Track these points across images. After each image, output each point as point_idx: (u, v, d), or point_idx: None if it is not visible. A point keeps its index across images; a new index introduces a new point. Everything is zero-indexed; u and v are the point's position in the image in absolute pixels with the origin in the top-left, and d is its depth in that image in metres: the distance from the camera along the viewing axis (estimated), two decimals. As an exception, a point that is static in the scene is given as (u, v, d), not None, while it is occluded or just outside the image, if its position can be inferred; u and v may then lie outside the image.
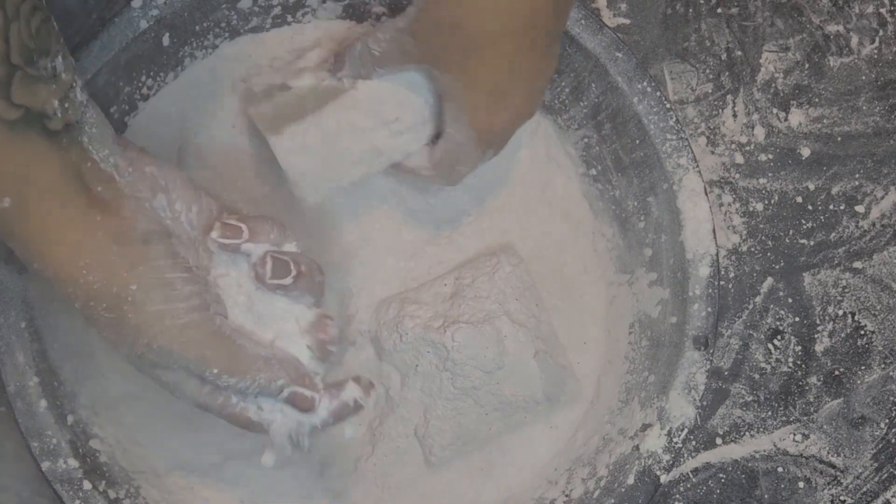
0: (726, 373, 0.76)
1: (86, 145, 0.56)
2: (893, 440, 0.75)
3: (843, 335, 0.77)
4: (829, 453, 0.75)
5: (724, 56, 0.80)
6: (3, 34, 0.51)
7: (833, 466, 0.75)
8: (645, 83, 0.70)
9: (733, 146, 0.79)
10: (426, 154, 0.69)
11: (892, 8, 0.81)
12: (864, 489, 0.74)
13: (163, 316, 0.56)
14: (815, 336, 0.76)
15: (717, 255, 0.69)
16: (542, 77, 0.64)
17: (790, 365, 0.76)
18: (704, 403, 0.75)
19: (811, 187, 0.78)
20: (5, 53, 0.51)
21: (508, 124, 0.65)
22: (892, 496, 0.74)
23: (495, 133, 0.65)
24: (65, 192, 0.55)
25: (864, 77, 0.80)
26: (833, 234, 0.78)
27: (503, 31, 0.59)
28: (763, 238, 0.78)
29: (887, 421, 0.75)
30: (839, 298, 0.77)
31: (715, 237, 0.69)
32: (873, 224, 0.78)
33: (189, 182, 0.61)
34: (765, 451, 0.75)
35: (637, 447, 0.67)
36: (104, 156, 0.57)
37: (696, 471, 0.75)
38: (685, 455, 0.74)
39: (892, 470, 0.75)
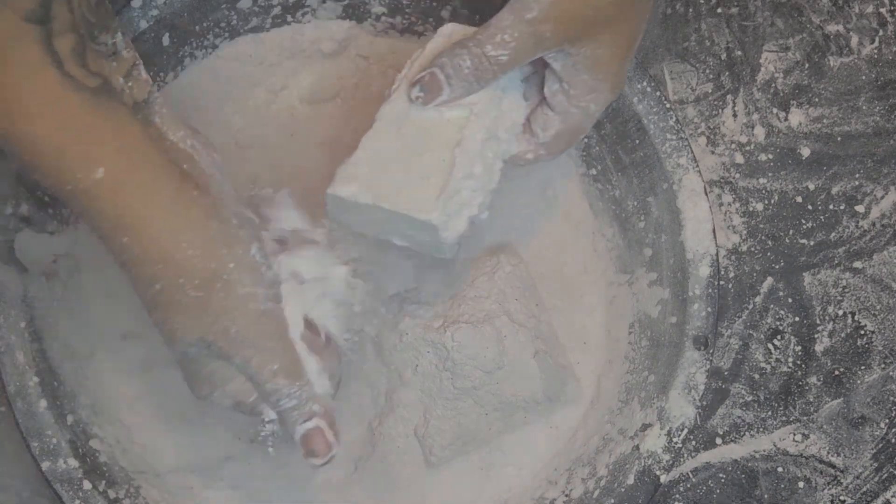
0: (726, 373, 0.76)
1: (159, 125, 0.55)
2: (893, 440, 0.75)
3: (843, 335, 0.77)
4: (829, 453, 0.75)
5: (724, 56, 0.80)
6: (68, 4, 0.51)
7: (833, 466, 0.75)
8: (645, 83, 0.70)
9: (733, 146, 0.79)
10: (524, 140, 0.65)
11: (892, 8, 0.81)
12: (864, 489, 0.74)
13: (249, 299, 0.55)
14: (815, 336, 0.76)
15: (717, 254, 0.69)
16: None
17: (790, 365, 0.76)
18: (704, 403, 0.75)
19: (811, 187, 0.78)
20: (73, 22, 0.51)
21: (626, 71, 0.64)
22: (892, 496, 0.74)
23: (623, 83, 0.64)
24: (157, 165, 0.54)
25: (864, 77, 0.80)
26: (833, 234, 0.78)
27: None
28: (763, 238, 0.78)
29: (887, 421, 0.75)
30: (839, 298, 0.77)
31: (715, 237, 0.69)
32: (873, 224, 0.78)
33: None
34: (765, 451, 0.75)
35: (637, 447, 0.67)
36: (180, 137, 0.56)
37: (695, 471, 0.75)
38: (685, 455, 0.74)
39: (892, 470, 0.75)
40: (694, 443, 0.75)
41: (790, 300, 0.77)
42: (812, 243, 0.78)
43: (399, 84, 0.62)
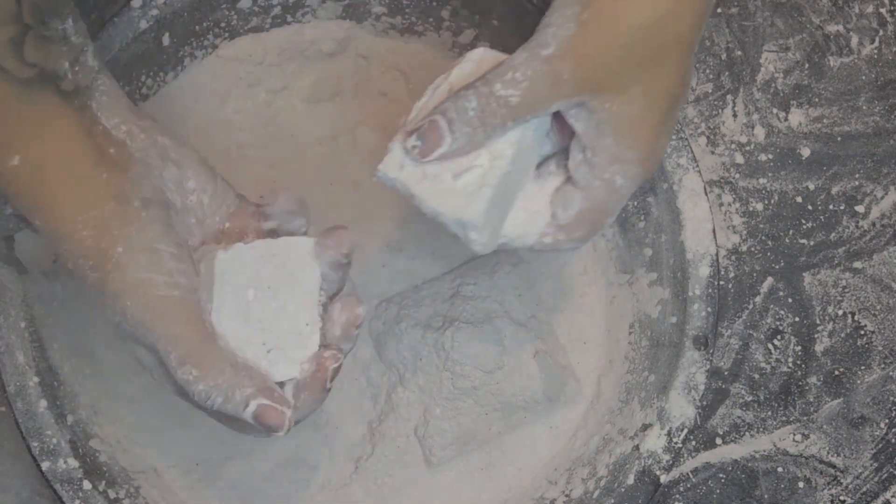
0: (726, 373, 0.76)
1: (94, 110, 0.56)
2: (893, 440, 0.75)
3: (843, 335, 0.77)
4: (828, 453, 0.75)
5: (723, 56, 0.80)
6: None
7: (833, 466, 0.75)
8: (645, 83, 0.70)
9: (733, 146, 0.79)
10: (539, 220, 0.58)
11: (892, 8, 0.81)
12: (864, 489, 0.74)
13: (143, 284, 0.54)
14: (815, 336, 0.76)
15: (716, 254, 0.69)
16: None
17: (790, 365, 0.76)
18: (704, 403, 0.75)
19: (811, 187, 0.78)
20: (17, 13, 0.51)
21: (666, 146, 0.57)
22: (892, 496, 0.74)
23: (659, 159, 0.56)
24: (74, 150, 0.54)
25: (864, 77, 0.80)
26: (833, 234, 0.78)
27: (689, 30, 0.52)
28: (763, 238, 0.78)
29: (887, 421, 0.75)
30: (839, 298, 0.77)
31: (715, 237, 0.69)
32: (873, 224, 0.78)
33: (205, 163, 0.59)
34: (765, 451, 0.75)
35: (637, 447, 0.67)
36: (115, 123, 0.56)
37: (695, 471, 0.75)
38: (685, 455, 0.74)
39: (891, 470, 0.75)
40: (694, 443, 0.75)
41: (790, 300, 0.77)
42: (812, 243, 0.78)
43: (416, 114, 0.56)
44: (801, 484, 0.74)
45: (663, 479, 0.66)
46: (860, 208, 0.78)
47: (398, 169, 0.55)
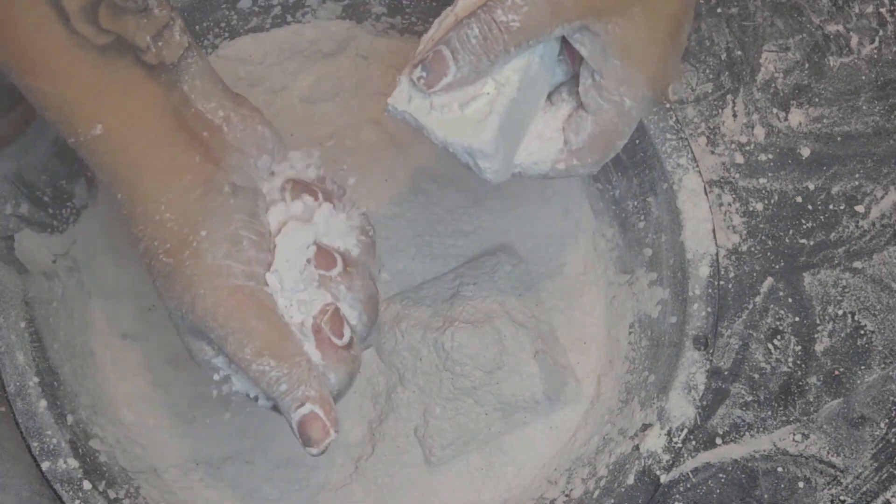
0: (726, 373, 0.76)
1: (187, 92, 0.54)
2: (893, 440, 0.75)
3: (842, 335, 0.77)
4: (828, 453, 0.75)
5: (723, 56, 0.80)
6: None
7: (833, 466, 0.75)
8: (645, 83, 0.70)
9: (733, 146, 0.79)
10: (552, 146, 0.59)
11: (892, 8, 0.81)
12: (864, 489, 0.74)
13: (219, 272, 0.52)
14: (815, 336, 0.76)
15: (716, 254, 0.69)
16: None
17: (790, 365, 0.76)
18: (704, 403, 0.75)
19: (811, 187, 0.78)
20: None
21: (676, 70, 0.57)
22: (892, 496, 0.74)
23: (667, 83, 0.56)
24: (162, 126, 0.53)
25: (863, 77, 0.80)
26: (833, 234, 0.78)
27: None
28: (763, 238, 0.78)
29: (887, 421, 0.75)
30: (839, 298, 0.77)
31: (715, 237, 0.69)
32: (873, 224, 0.78)
33: (286, 151, 0.58)
34: (765, 450, 0.75)
35: (637, 447, 0.67)
36: (211, 108, 0.55)
37: (695, 471, 0.75)
38: (685, 455, 0.74)
39: (891, 470, 0.75)
40: (694, 443, 0.75)
41: (790, 300, 0.77)
42: (812, 243, 0.78)
43: (423, 47, 0.57)
44: (801, 484, 0.74)
45: (663, 479, 0.66)
46: (860, 208, 0.78)
47: (406, 101, 0.55)
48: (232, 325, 0.52)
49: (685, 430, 0.67)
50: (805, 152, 0.79)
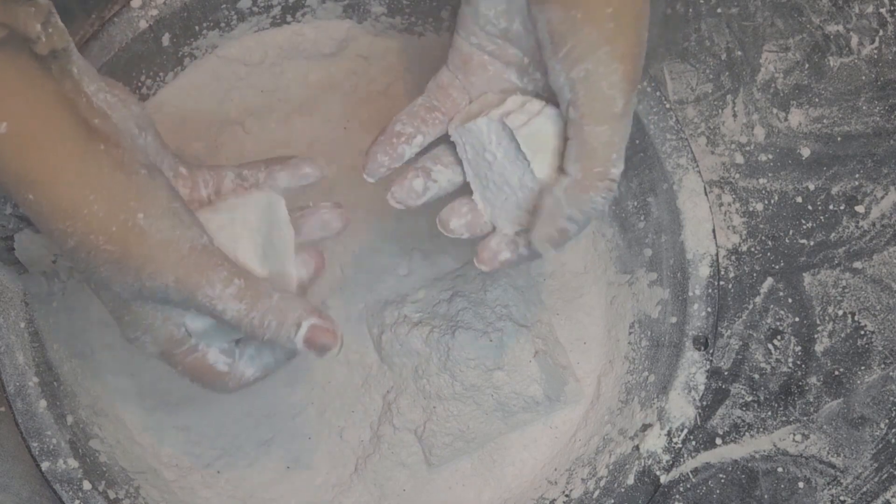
0: (726, 373, 0.76)
1: (76, 76, 0.54)
2: (893, 440, 0.75)
3: (842, 335, 0.77)
4: (828, 453, 0.75)
5: (723, 56, 0.80)
6: None
7: (833, 467, 0.75)
8: (644, 83, 0.70)
9: (733, 146, 0.79)
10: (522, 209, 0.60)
11: (892, 8, 0.81)
12: (864, 489, 0.74)
13: (169, 245, 0.53)
14: (815, 336, 0.76)
15: (716, 255, 0.69)
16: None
17: (790, 365, 0.76)
18: (704, 403, 0.75)
19: (811, 187, 0.78)
20: None
21: (641, 65, 0.57)
22: (892, 496, 0.74)
23: (638, 79, 0.56)
24: (64, 120, 0.52)
25: (863, 77, 0.80)
26: (833, 235, 0.78)
27: None
28: (763, 238, 0.78)
29: (887, 421, 0.75)
30: (839, 298, 0.77)
31: (715, 237, 0.69)
32: (873, 224, 0.78)
33: (157, 133, 0.59)
34: (765, 451, 0.75)
35: (637, 447, 0.67)
36: (94, 90, 0.55)
37: (695, 471, 0.74)
38: (685, 455, 0.74)
39: (892, 470, 0.75)
40: (694, 443, 0.75)
41: (790, 300, 0.77)
42: (812, 243, 0.78)
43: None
44: (801, 484, 0.74)
45: (663, 479, 0.66)
46: (860, 208, 0.78)
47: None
48: (196, 281, 0.54)
49: (685, 431, 0.67)
50: (805, 152, 0.79)
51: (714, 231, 0.69)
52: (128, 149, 0.55)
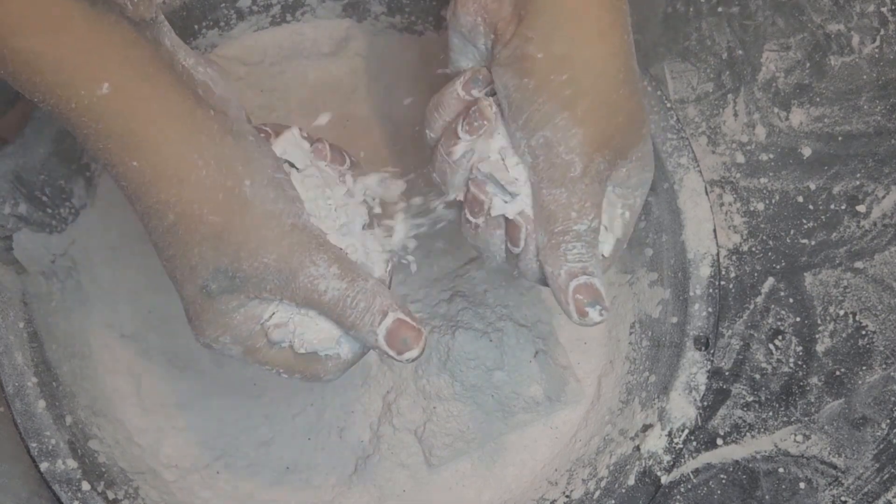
0: (727, 373, 0.76)
1: (170, 48, 0.52)
2: (895, 441, 0.75)
3: (844, 335, 0.76)
4: (830, 454, 0.75)
5: (724, 55, 0.80)
6: None
7: (834, 467, 0.75)
8: (645, 82, 0.70)
9: (734, 145, 0.78)
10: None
11: (893, 7, 0.81)
12: (866, 490, 0.74)
13: (272, 216, 0.51)
14: (817, 336, 0.76)
15: (717, 254, 0.69)
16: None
17: (791, 365, 0.76)
18: (705, 404, 0.74)
19: (812, 187, 0.78)
20: None
21: (613, 122, 0.55)
22: (894, 497, 0.74)
23: (607, 137, 0.54)
24: (170, 82, 0.50)
25: (865, 76, 0.80)
26: (834, 234, 0.78)
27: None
28: (764, 238, 0.77)
29: (888, 421, 0.75)
30: (840, 298, 0.77)
31: (716, 237, 0.69)
32: (874, 224, 0.78)
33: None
34: (766, 451, 0.75)
35: (638, 448, 0.67)
36: (192, 64, 0.53)
37: (696, 471, 0.74)
38: (686, 456, 0.74)
39: (893, 471, 0.75)
40: (695, 443, 0.75)
41: (791, 300, 0.77)
42: (813, 243, 0.77)
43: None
44: (802, 485, 0.74)
45: (664, 479, 0.66)
46: (861, 208, 0.78)
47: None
48: (298, 260, 0.51)
49: (686, 431, 0.67)
50: (806, 152, 0.79)
51: (715, 231, 0.69)
52: (235, 117, 0.53)
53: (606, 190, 0.56)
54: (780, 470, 0.74)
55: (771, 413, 0.75)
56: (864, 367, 0.76)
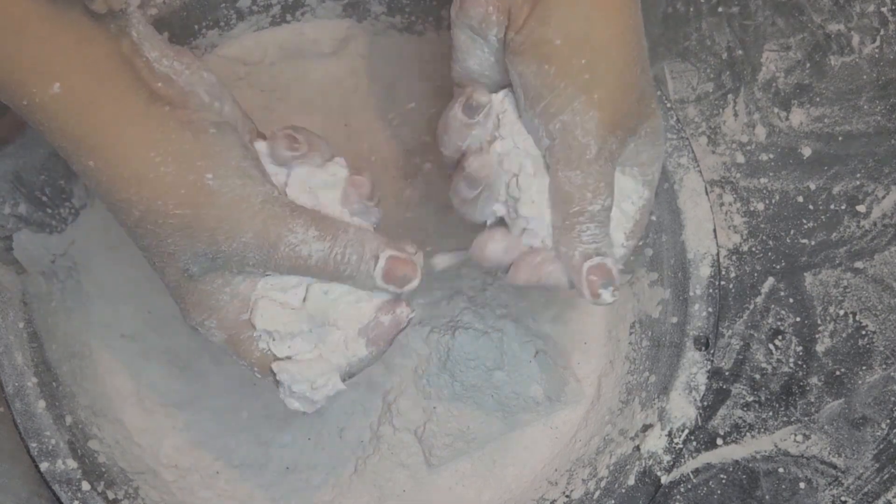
0: (727, 373, 0.76)
1: (136, 40, 0.52)
2: (895, 441, 0.75)
3: (844, 335, 0.76)
4: (830, 454, 0.75)
5: (724, 55, 0.80)
6: None
7: (834, 467, 0.75)
8: (645, 82, 0.70)
9: (734, 146, 0.78)
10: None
11: (893, 7, 0.81)
12: (866, 490, 0.74)
13: (241, 202, 0.51)
14: (817, 336, 0.76)
15: (717, 254, 0.69)
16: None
17: (791, 365, 0.76)
18: (705, 404, 0.74)
19: (812, 187, 0.78)
20: None
21: (626, 106, 0.56)
22: (894, 497, 0.74)
23: (621, 121, 0.56)
24: (123, 79, 0.50)
25: (865, 76, 0.80)
26: (834, 234, 0.78)
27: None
28: (764, 238, 0.77)
29: (888, 421, 0.75)
30: (840, 298, 0.77)
31: (716, 237, 0.69)
32: (874, 224, 0.78)
33: (236, 101, 0.58)
34: (766, 451, 0.75)
35: (638, 448, 0.67)
36: (156, 57, 0.53)
37: (696, 471, 0.74)
38: (686, 456, 0.74)
39: (893, 471, 0.75)
40: (695, 443, 0.75)
41: (791, 300, 0.77)
42: (813, 243, 0.77)
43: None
44: (802, 485, 0.74)
45: (664, 479, 0.66)
46: (861, 208, 0.78)
47: None
48: (280, 235, 0.52)
49: (686, 431, 0.67)
50: (806, 152, 0.78)
51: (715, 231, 0.69)
52: (195, 109, 0.53)
53: (624, 171, 0.58)
54: (780, 470, 0.74)
55: (771, 413, 0.75)
56: (864, 367, 0.76)
